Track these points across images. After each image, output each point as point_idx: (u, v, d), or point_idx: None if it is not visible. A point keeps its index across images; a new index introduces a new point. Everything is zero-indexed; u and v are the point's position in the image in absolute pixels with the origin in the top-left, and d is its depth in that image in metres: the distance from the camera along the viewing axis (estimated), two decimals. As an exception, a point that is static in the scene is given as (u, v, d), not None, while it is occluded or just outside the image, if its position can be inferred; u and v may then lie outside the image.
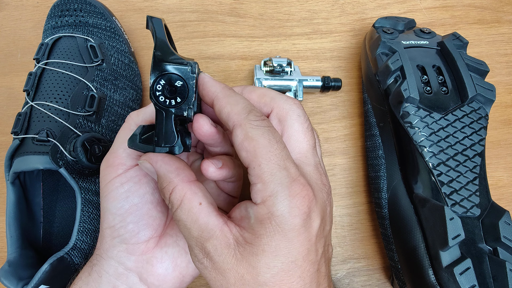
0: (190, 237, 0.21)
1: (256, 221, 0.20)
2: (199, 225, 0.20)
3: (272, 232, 0.19)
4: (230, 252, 0.20)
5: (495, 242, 0.28)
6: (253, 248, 0.19)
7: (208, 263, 0.20)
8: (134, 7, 0.42)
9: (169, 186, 0.21)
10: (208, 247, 0.20)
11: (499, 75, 0.43)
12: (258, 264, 0.19)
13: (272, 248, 0.19)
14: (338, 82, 0.39)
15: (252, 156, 0.19)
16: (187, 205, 0.21)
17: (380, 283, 0.36)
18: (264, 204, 0.19)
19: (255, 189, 0.20)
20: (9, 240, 0.28)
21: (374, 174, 0.36)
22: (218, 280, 0.20)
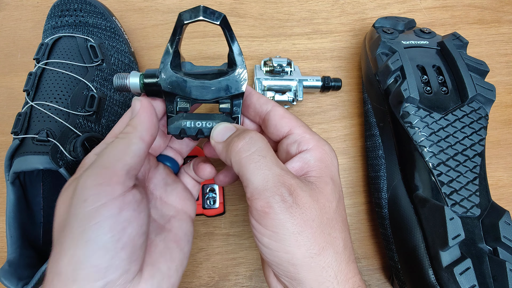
0: (275, 173, 0.21)
1: (316, 160, 0.24)
2: (282, 165, 0.22)
3: (331, 164, 0.24)
4: (308, 187, 0.22)
5: (495, 242, 0.28)
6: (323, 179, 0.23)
7: (293, 199, 0.21)
8: (134, 7, 0.42)
9: (249, 131, 0.23)
10: (295, 183, 0.22)
11: (499, 75, 0.43)
12: (330, 190, 0.23)
13: (335, 177, 0.24)
14: (338, 82, 0.39)
15: (295, 121, 0.25)
16: (271, 151, 0.22)
17: (380, 283, 0.36)
18: (318, 146, 0.24)
19: (305, 140, 0.24)
20: (9, 240, 0.28)
21: (374, 174, 0.36)
22: (305, 215, 0.21)
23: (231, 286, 0.35)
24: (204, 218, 0.37)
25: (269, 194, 0.20)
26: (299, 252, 0.20)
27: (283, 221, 0.20)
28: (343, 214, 0.24)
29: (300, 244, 0.20)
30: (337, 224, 0.22)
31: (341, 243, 0.22)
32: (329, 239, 0.22)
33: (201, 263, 0.36)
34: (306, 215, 0.21)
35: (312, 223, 0.21)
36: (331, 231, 0.22)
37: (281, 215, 0.20)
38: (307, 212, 0.21)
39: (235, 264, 0.36)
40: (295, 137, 0.25)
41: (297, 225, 0.20)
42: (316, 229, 0.21)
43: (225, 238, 0.36)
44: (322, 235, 0.21)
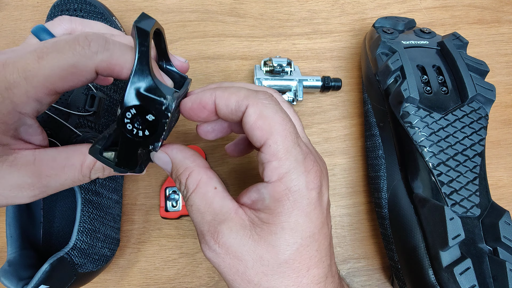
0: (203, 222, 0.20)
1: (272, 199, 0.20)
2: (213, 208, 0.20)
3: (290, 208, 0.19)
4: (246, 233, 0.20)
5: (495, 242, 0.28)
6: (271, 227, 0.19)
7: (221, 249, 0.20)
8: (134, 7, 0.42)
9: (186, 171, 0.21)
10: (223, 230, 0.20)
11: (499, 75, 0.43)
12: (277, 242, 0.19)
13: (292, 225, 0.19)
14: (338, 82, 0.39)
15: (268, 133, 0.20)
16: (202, 189, 0.21)
17: (380, 283, 0.36)
18: (281, 181, 0.19)
19: (270, 167, 0.20)
20: (9, 240, 0.28)
21: (374, 174, 0.36)
22: (233, 265, 0.20)
23: (231, 286, 0.35)
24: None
25: (199, 239, 0.21)
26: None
27: (215, 265, 0.20)
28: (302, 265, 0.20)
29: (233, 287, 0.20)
30: (283, 278, 0.20)
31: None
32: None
33: (201, 263, 0.36)
34: (235, 265, 0.20)
35: (243, 275, 0.20)
36: (271, 285, 0.20)
37: (211, 259, 0.20)
38: (235, 263, 0.20)
39: (235, 264, 0.36)
40: (263, 158, 0.20)
41: (227, 274, 0.20)
42: (249, 281, 0.20)
43: (225, 238, 0.36)
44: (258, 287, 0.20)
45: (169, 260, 0.36)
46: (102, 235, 0.31)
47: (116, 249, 0.33)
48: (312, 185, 0.20)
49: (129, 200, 0.37)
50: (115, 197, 0.34)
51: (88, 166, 0.22)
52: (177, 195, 0.36)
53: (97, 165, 0.22)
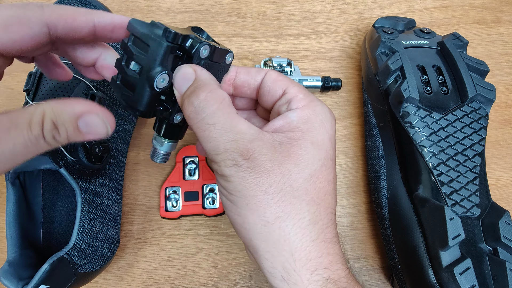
0: (228, 140, 0.20)
1: (301, 120, 0.22)
2: (240, 128, 0.20)
3: (318, 127, 0.22)
4: (276, 150, 0.20)
5: (495, 242, 0.28)
6: (300, 142, 0.21)
7: (250, 163, 0.20)
8: (134, 7, 0.42)
9: (207, 87, 0.21)
10: (254, 148, 0.20)
11: (499, 75, 0.43)
12: (306, 156, 0.20)
13: (319, 141, 0.21)
14: (338, 82, 0.39)
15: (289, 82, 0.24)
16: (227, 109, 0.20)
17: (380, 283, 0.36)
18: (309, 105, 0.22)
19: (297, 99, 0.23)
20: (9, 240, 0.28)
21: (374, 174, 0.36)
22: (260, 179, 0.20)
23: (231, 286, 0.35)
24: (204, 218, 0.37)
25: (220, 159, 0.20)
26: (250, 217, 0.20)
27: (236, 184, 0.20)
28: (322, 187, 0.21)
29: (252, 208, 0.20)
30: (305, 195, 0.20)
31: (307, 216, 0.20)
32: (289, 209, 0.20)
33: (201, 263, 0.36)
34: (261, 179, 0.19)
35: (268, 189, 0.19)
36: (294, 201, 0.20)
37: (233, 178, 0.20)
38: (263, 176, 0.19)
39: (235, 264, 0.36)
40: (288, 96, 0.23)
41: (250, 189, 0.19)
42: (273, 196, 0.19)
43: (225, 238, 0.36)
44: (279, 203, 0.20)
45: (169, 260, 0.36)
46: (102, 235, 0.31)
47: (116, 249, 0.33)
48: (332, 114, 0.23)
49: (129, 200, 0.37)
50: (115, 197, 0.34)
51: (36, 123, 0.18)
52: (177, 195, 0.36)
53: (47, 122, 0.18)
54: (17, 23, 0.18)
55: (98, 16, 0.21)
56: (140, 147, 0.38)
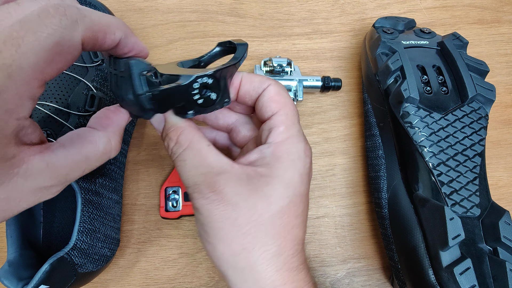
0: (197, 174, 0.21)
1: (273, 157, 0.22)
2: (209, 162, 0.21)
3: (288, 166, 0.22)
4: (242, 183, 0.21)
5: (495, 242, 0.28)
6: (267, 179, 0.21)
7: (217, 196, 0.21)
8: (134, 7, 0.42)
9: (177, 130, 0.22)
10: (220, 181, 0.21)
11: (499, 75, 0.43)
12: (272, 192, 0.21)
13: (287, 180, 0.22)
14: (338, 82, 0.39)
15: (282, 106, 0.24)
16: (196, 146, 0.22)
17: (380, 283, 0.36)
18: (284, 142, 0.23)
19: (277, 131, 0.23)
20: (9, 240, 0.28)
21: (374, 174, 0.36)
22: (226, 212, 0.21)
23: (231, 286, 0.35)
24: (204, 218, 0.37)
25: (190, 192, 0.22)
26: (219, 246, 0.21)
27: (205, 216, 0.21)
28: (288, 222, 0.21)
29: (220, 239, 0.21)
30: (272, 229, 0.21)
31: (272, 248, 0.21)
32: (255, 241, 0.21)
33: (201, 263, 0.36)
34: (228, 212, 0.20)
35: (234, 222, 0.20)
36: (259, 234, 0.21)
37: (202, 210, 0.21)
38: (230, 209, 0.20)
39: (235, 264, 0.36)
40: (271, 124, 0.23)
41: (218, 221, 0.21)
42: (239, 228, 0.21)
43: (225, 238, 0.36)
44: (245, 236, 0.21)
45: (169, 260, 0.36)
46: (102, 235, 0.31)
47: (116, 249, 0.33)
48: (308, 153, 0.24)
49: (129, 200, 0.37)
50: (115, 197, 0.34)
51: (104, 153, 0.21)
52: (177, 195, 0.36)
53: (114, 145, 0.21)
54: (61, 53, 0.17)
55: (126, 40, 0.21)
56: (140, 147, 0.38)
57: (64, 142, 0.20)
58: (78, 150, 0.20)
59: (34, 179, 0.18)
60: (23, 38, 0.15)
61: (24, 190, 0.18)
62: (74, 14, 0.17)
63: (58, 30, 0.16)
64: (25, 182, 0.17)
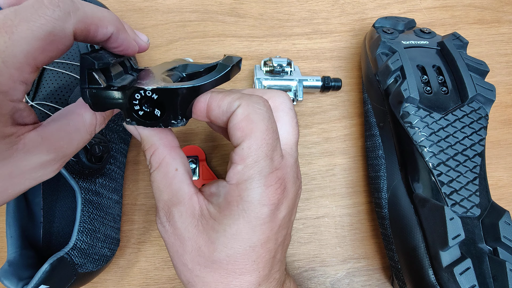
0: (160, 199, 0.22)
1: (224, 200, 0.20)
2: (171, 189, 0.21)
3: (237, 216, 0.20)
4: (193, 221, 0.21)
5: (495, 242, 0.28)
6: (215, 225, 0.20)
7: (170, 227, 0.21)
8: (134, 7, 0.42)
9: (151, 148, 0.22)
10: (174, 212, 0.21)
11: (499, 75, 0.43)
12: (216, 240, 0.20)
13: (233, 230, 0.20)
14: (338, 82, 0.39)
15: (246, 136, 0.19)
16: (164, 169, 0.22)
17: (380, 283, 0.36)
18: (237, 186, 0.20)
19: (234, 170, 0.20)
20: (9, 240, 0.28)
21: (374, 174, 0.36)
22: (175, 245, 0.21)
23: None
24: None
25: (156, 215, 0.23)
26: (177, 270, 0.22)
27: (164, 240, 0.22)
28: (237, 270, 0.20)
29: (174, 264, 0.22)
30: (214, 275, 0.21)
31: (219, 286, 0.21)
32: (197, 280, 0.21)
33: (201, 263, 0.36)
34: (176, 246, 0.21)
35: (181, 257, 0.21)
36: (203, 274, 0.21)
37: (162, 234, 0.22)
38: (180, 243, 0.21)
39: (235, 264, 0.36)
40: (233, 158, 0.20)
41: (170, 250, 0.22)
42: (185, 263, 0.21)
43: (225, 238, 0.36)
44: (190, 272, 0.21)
45: (169, 260, 0.36)
46: (102, 235, 0.31)
47: (116, 249, 0.33)
48: (266, 201, 0.20)
49: (129, 200, 0.37)
50: (115, 197, 0.34)
51: (91, 124, 0.21)
52: None
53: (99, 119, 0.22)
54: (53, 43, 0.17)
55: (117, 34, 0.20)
56: (140, 147, 0.38)
57: (54, 117, 0.21)
58: (68, 122, 0.20)
59: (33, 153, 0.18)
60: (16, 26, 0.16)
61: (26, 166, 0.18)
62: (67, 6, 0.17)
63: (51, 21, 0.16)
64: (25, 157, 0.18)
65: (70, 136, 0.20)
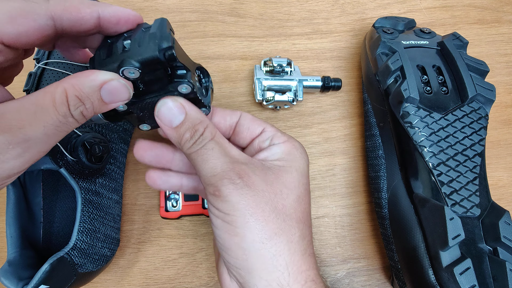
0: (225, 161, 0.22)
1: (284, 153, 0.24)
2: (232, 155, 0.22)
3: (299, 158, 0.24)
4: (267, 172, 0.22)
5: (495, 242, 0.28)
6: (286, 169, 0.23)
7: (245, 182, 0.21)
8: (134, 7, 0.42)
9: (204, 122, 0.23)
10: (247, 169, 0.22)
11: (499, 75, 0.43)
12: (292, 179, 0.23)
13: (301, 169, 0.24)
14: (338, 82, 0.39)
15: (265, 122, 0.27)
16: (221, 140, 0.23)
17: (380, 283, 0.36)
18: (289, 141, 0.25)
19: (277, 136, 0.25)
20: (9, 240, 0.28)
21: (374, 174, 0.36)
22: (256, 198, 0.21)
23: (231, 286, 0.35)
24: (204, 218, 0.37)
25: (217, 179, 0.21)
26: (249, 235, 0.21)
27: (234, 203, 0.21)
28: (305, 209, 0.23)
29: (250, 226, 0.21)
30: (294, 214, 0.22)
31: (297, 232, 0.22)
32: (283, 226, 0.21)
33: (201, 263, 0.36)
34: (257, 197, 0.21)
35: (264, 206, 0.21)
36: (286, 219, 0.22)
37: (231, 197, 0.21)
38: (259, 194, 0.21)
39: (235, 264, 0.36)
40: (268, 134, 0.26)
41: (248, 206, 0.21)
42: (269, 213, 0.21)
43: (225, 238, 0.36)
44: (275, 221, 0.21)
45: (169, 260, 0.36)
46: (102, 235, 0.31)
47: (116, 249, 0.33)
48: (304, 149, 0.26)
49: (129, 200, 0.37)
50: (115, 197, 0.34)
51: (61, 102, 0.18)
52: (177, 195, 0.36)
53: (71, 98, 0.18)
54: (22, 15, 0.18)
55: (102, 8, 0.21)
56: (140, 147, 0.38)
57: (19, 98, 0.18)
58: (32, 101, 0.18)
59: None
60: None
61: None
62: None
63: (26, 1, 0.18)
64: None
65: (34, 115, 0.17)
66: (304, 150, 0.26)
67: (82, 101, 0.19)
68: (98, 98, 0.19)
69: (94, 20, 0.21)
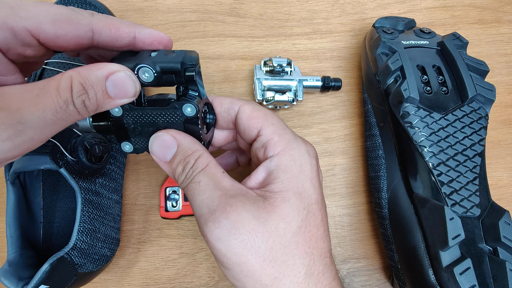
0: (212, 196, 0.20)
1: (280, 169, 0.21)
2: (223, 186, 0.21)
3: (297, 173, 0.21)
4: (259, 206, 0.20)
5: (495, 242, 0.28)
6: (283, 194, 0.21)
7: (232, 224, 0.19)
8: (134, 7, 0.42)
9: (196, 153, 0.22)
10: (236, 203, 0.20)
11: (499, 75, 0.43)
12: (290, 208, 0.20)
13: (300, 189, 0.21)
14: (338, 82, 0.39)
15: (264, 120, 0.23)
16: (212, 170, 0.21)
17: (380, 283, 0.36)
18: (285, 150, 0.22)
19: (273, 143, 0.22)
20: (9, 240, 0.28)
21: (374, 174, 0.36)
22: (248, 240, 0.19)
23: (231, 286, 0.35)
24: (204, 218, 0.37)
25: (203, 222, 0.20)
26: (248, 283, 0.19)
27: (224, 252, 0.19)
28: (313, 234, 0.21)
29: (247, 274, 0.19)
30: (297, 249, 0.20)
31: (302, 270, 0.20)
32: (283, 267, 0.19)
33: (201, 263, 0.36)
34: (248, 242, 0.19)
35: (257, 250, 0.19)
36: (286, 258, 0.20)
37: (219, 245, 0.19)
38: (250, 238, 0.19)
39: (235, 264, 0.36)
40: (263, 139, 0.23)
41: (239, 255, 0.19)
42: (264, 258, 0.19)
43: (225, 238, 0.36)
44: (272, 264, 0.19)
45: (169, 260, 0.36)
46: (102, 235, 0.31)
47: (116, 249, 0.33)
48: (312, 152, 0.23)
49: (129, 200, 0.37)
50: (115, 197, 0.34)
51: (65, 87, 0.18)
52: (177, 195, 0.36)
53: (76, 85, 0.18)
54: (66, 21, 0.19)
55: (139, 29, 0.22)
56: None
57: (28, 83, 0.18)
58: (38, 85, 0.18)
59: None
60: None
61: None
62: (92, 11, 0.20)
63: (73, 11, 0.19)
64: None
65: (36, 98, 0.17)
66: (307, 157, 0.22)
67: (86, 89, 0.18)
68: (103, 89, 0.19)
69: (130, 39, 0.21)
